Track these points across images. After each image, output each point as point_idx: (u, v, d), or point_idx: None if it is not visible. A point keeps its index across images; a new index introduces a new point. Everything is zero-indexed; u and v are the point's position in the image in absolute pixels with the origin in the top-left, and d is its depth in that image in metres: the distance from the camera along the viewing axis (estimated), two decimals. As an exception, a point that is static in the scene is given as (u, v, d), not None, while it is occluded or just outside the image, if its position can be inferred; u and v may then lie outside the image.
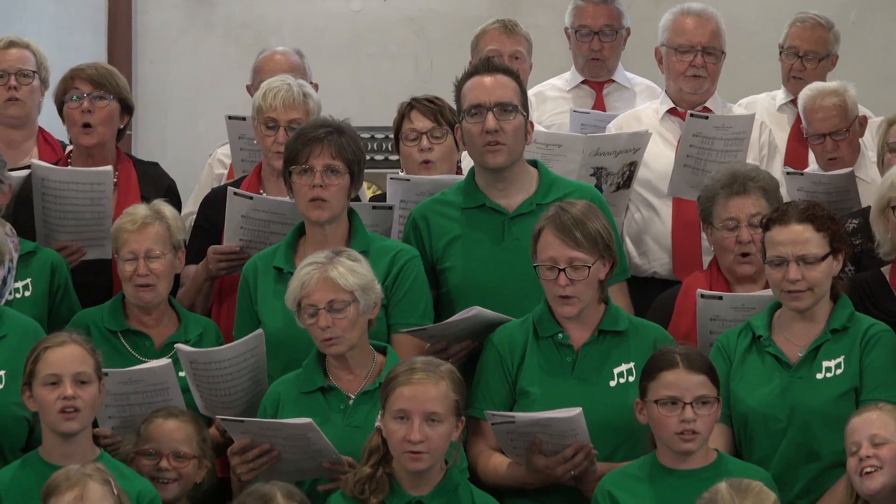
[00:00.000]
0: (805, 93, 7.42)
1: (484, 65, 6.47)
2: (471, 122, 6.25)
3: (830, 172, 7.08)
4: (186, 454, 5.58)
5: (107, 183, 6.73)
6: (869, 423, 5.30)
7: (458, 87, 6.42)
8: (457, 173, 6.84)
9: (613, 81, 8.13)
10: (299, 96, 6.81)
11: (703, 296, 6.16)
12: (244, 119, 7.14)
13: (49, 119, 7.65)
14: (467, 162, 6.78)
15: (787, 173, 7.12)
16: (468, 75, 6.42)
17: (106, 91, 7.01)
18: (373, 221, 6.50)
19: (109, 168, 6.81)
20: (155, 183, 7.15)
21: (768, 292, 6.04)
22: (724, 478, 5.17)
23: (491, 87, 6.29)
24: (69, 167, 7.05)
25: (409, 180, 6.68)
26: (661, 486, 5.35)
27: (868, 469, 5.26)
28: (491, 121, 6.20)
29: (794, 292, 5.74)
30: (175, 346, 5.98)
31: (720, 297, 6.16)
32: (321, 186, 6.10)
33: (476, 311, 5.96)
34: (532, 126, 6.43)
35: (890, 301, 6.14)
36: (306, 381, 5.82)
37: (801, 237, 5.75)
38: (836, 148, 7.24)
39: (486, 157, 6.26)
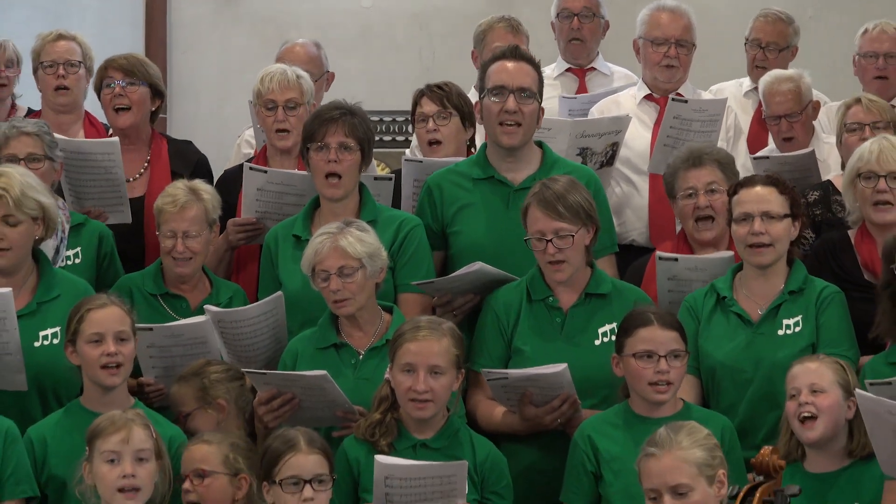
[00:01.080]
0: (764, 79, 7.39)
1: (511, 52, 6.46)
2: (492, 101, 6.24)
3: (794, 153, 7.05)
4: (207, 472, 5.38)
5: (116, 152, 6.69)
6: (808, 372, 5.26)
7: (484, 67, 6.42)
8: (467, 153, 6.80)
9: (594, 69, 8.08)
10: (293, 78, 6.82)
11: (660, 258, 6.19)
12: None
13: (95, 104, 7.63)
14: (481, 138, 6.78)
15: (754, 158, 7.12)
16: (494, 58, 6.42)
17: (136, 78, 7.00)
18: (376, 192, 6.46)
19: (117, 139, 6.78)
20: (185, 159, 7.14)
21: (720, 254, 6.06)
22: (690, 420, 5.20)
23: (515, 72, 6.28)
24: (79, 138, 7.07)
25: (421, 162, 6.67)
26: (634, 431, 5.32)
27: (805, 414, 5.22)
28: (511, 102, 6.20)
29: (757, 246, 5.74)
30: (204, 307, 5.98)
31: (676, 259, 6.18)
32: (335, 161, 6.11)
33: (479, 265, 5.97)
34: (542, 112, 6.42)
35: (851, 261, 6.12)
36: (321, 338, 5.82)
37: (765, 196, 5.77)
38: (791, 129, 7.20)
39: (502, 138, 6.25)
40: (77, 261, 6.34)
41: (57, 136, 6.73)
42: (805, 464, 5.31)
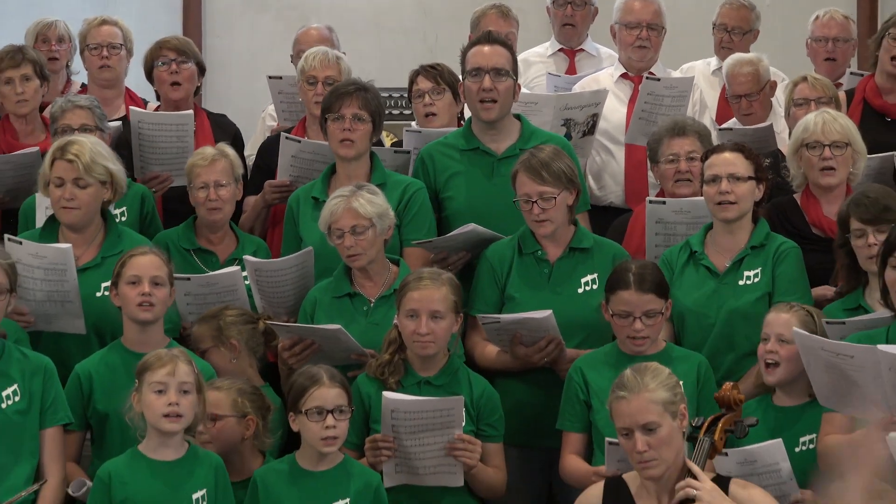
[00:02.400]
0: (727, 61, 7.36)
1: (485, 37, 6.50)
2: (471, 82, 6.26)
3: (754, 126, 7.04)
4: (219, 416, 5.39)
5: (189, 123, 6.73)
6: (780, 322, 5.23)
7: (464, 53, 6.41)
8: (458, 124, 6.78)
9: (584, 50, 8.05)
10: (333, 58, 6.86)
11: (650, 201, 6.17)
12: (281, 78, 7.18)
13: (136, 81, 7.62)
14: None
15: (719, 129, 7.13)
16: (472, 44, 6.44)
17: (187, 57, 7.03)
18: (393, 163, 6.50)
19: (191, 112, 6.80)
20: (224, 129, 7.14)
21: (700, 198, 5.99)
22: (671, 362, 5.21)
23: (489, 54, 6.28)
24: (160, 111, 7.06)
25: (420, 132, 6.65)
26: (620, 368, 5.19)
27: (769, 361, 5.21)
28: (487, 81, 6.20)
29: (724, 203, 5.72)
30: (244, 258, 5.97)
31: (664, 202, 6.17)
32: (349, 130, 6.12)
33: (472, 227, 5.99)
34: (519, 87, 6.43)
35: (800, 220, 6.12)
36: (336, 287, 5.82)
37: (732, 161, 5.75)
38: (750, 106, 7.18)
39: (481, 113, 6.26)
40: (123, 218, 6.31)
41: (141, 110, 6.87)
42: (773, 398, 5.30)
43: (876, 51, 7.22)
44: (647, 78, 7.14)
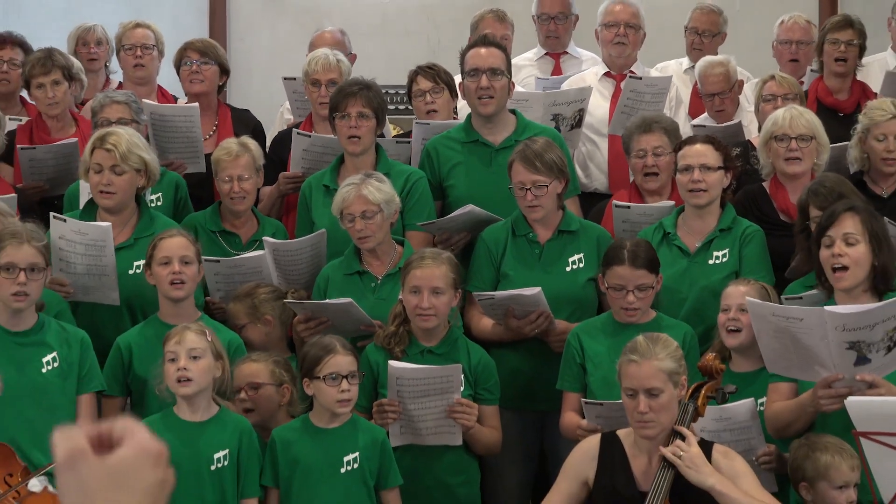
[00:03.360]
0: (700, 63, 7.36)
1: (482, 39, 6.52)
2: (470, 81, 6.26)
3: (724, 124, 7.04)
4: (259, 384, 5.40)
5: (194, 116, 6.67)
6: (739, 294, 5.22)
7: (463, 54, 6.41)
8: (454, 118, 6.79)
9: (567, 53, 8.03)
10: (334, 61, 6.79)
11: (616, 206, 6.15)
12: (295, 79, 7.12)
13: (168, 80, 7.61)
14: (462, 105, 6.79)
15: (693, 125, 7.14)
16: (470, 47, 6.44)
17: (209, 58, 7.00)
18: (396, 152, 6.50)
19: (196, 105, 6.76)
20: (245, 123, 7.10)
21: (662, 203, 6.04)
22: (660, 330, 5.20)
23: (486, 56, 6.28)
24: (166, 104, 7.05)
25: (428, 124, 6.63)
26: (613, 335, 5.33)
27: (731, 327, 5.22)
28: (484, 80, 6.20)
29: (696, 191, 5.72)
30: (264, 238, 5.97)
31: (629, 207, 6.14)
32: (355, 127, 6.11)
33: (470, 207, 5.98)
34: (513, 85, 6.44)
35: (768, 206, 6.09)
36: (346, 266, 5.81)
37: (703, 152, 5.75)
38: (722, 103, 7.18)
39: (480, 108, 6.25)
40: (159, 203, 6.32)
41: (149, 102, 6.80)
42: (731, 365, 5.28)
43: (820, 56, 7.30)
44: (629, 77, 7.14)
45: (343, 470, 5.12)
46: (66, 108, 6.82)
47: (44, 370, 5.23)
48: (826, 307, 4.79)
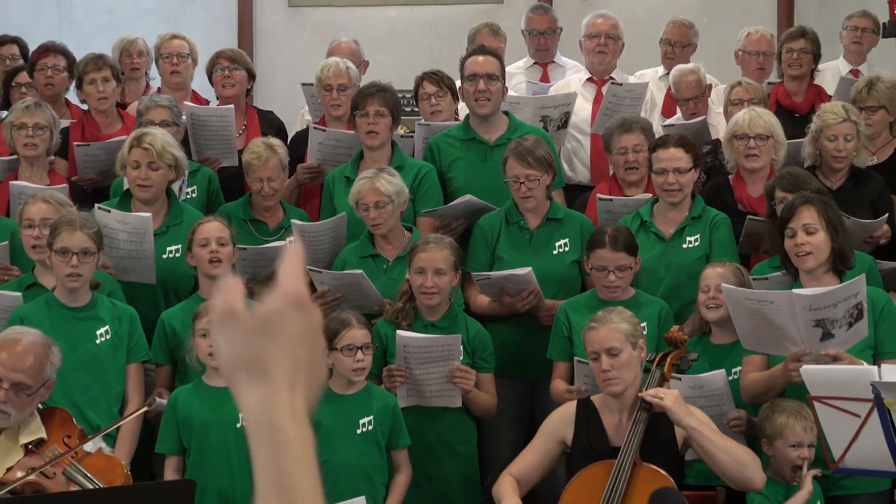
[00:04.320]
0: (674, 71, 7.33)
1: (479, 49, 6.56)
2: (468, 84, 6.28)
3: (690, 121, 7.05)
4: None
5: (230, 116, 6.68)
6: (717, 275, 5.25)
7: (462, 62, 6.44)
8: (455, 119, 6.80)
9: (554, 62, 8.03)
10: (344, 68, 6.78)
11: (600, 198, 6.16)
12: (312, 85, 7.11)
13: (200, 85, 7.62)
14: (461, 107, 6.80)
15: (664, 125, 7.13)
16: (469, 55, 6.47)
17: (238, 65, 6.99)
18: (401, 144, 6.50)
19: (231, 107, 6.76)
20: (270, 123, 7.11)
21: (640, 197, 6.05)
22: (639, 306, 5.26)
23: (483, 63, 6.29)
24: (207, 105, 7.07)
25: (429, 125, 6.64)
26: (597, 310, 5.27)
27: (711, 304, 5.24)
28: (481, 84, 6.21)
29: (671, 191, 5.74)
30: (291, 221, 6.00)
31: (611, 200, 6.16)
32: (373, 123, 6.14)
33: (468, 197, 6.00)
34: (506, 90, 6.47)
35: (730, 197, 6.10)
36: (361, 249, 5.83)
37: (675, 156, 5.74)
38: (695, 107, 7.15)
39: (477, 110, 6.27)
40: (194, 195, 6.34)
41: (189, 104, 6.84)
42: (710, 337, 5.32)
43: (779, 63, 7.32)
44: (611, 83, 7.13)
45: (359, 431, 5.15)
46: (113, 104, 6.86)
47: (97, 342, 5.27)
48: (794, 290, 4.82)
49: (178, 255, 5.83)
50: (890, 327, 4.99)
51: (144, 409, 5.02)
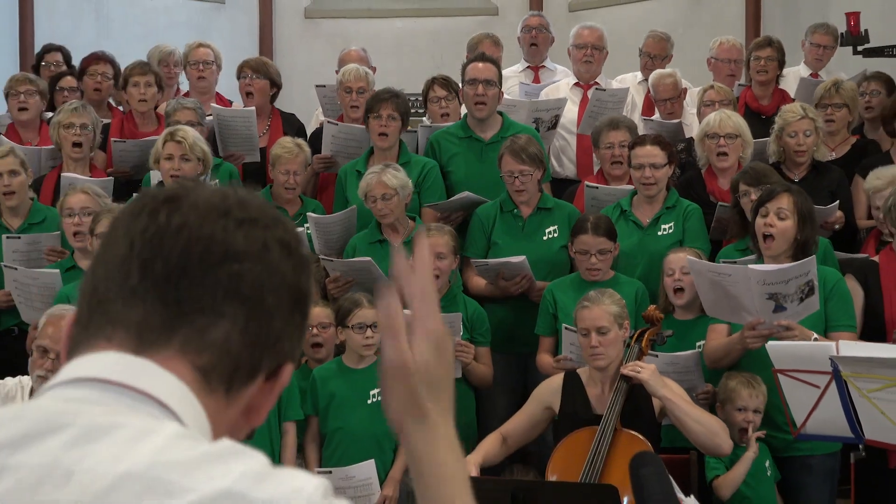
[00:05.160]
0: (653, 75, 7.33)
1: (479, 56, 6.58)
2: (469, 88, 6.29)
3: (667, 121, 7.07)
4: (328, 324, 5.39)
5: (251, 117, 6.68)
6: (680, 259, 5.24)
7: (463, 68, 6.44)
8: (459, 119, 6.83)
9: (544, 66, 8.04)
10: (363, 73, 6.84)
11: (588, 186, 6.17)
12: (325, 86, 7.17)
13: (225, 88, 7.62)
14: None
15: (644, 119, 7.15)
16: (469, 62, 6.48)
17: (261, 74, 7.00)
18: (404, 137, 6.48)
19: (253, 108, 6.76)
20: (292, 124, 7.12)
21: (623, 187, 6.05)
22: (618, 286, 5.24)
23: (482, 69, 6.30)
24: (229, 108, 7.05)
25: (430, 126, 6.66)
26: (579, 290, 5.32)
27: (676, 287, 5.24)
28: (480, 89, 6.23)
29: (648, 184, 5.73)
30: (307, 214, 5.98)
31: (597, 188, 6.16)
32: (385, 126, 6.15)
33: (466, 194, 6.02)
34: (502, 94, 6.47)
35: (702, 190, 6.09)
36: (370, 236, 5.83)
37: (651, 153, 5.72)
38: (672, 107, 7.15)
39: (475, 112, 6.28)
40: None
41: (216, 105, 6.86)
42: (674, 315, 5.32)
43: (748, 70, 7.33)
44: (595, 88, 7.14)
45: (369, 401, 5.15)
46: (152, 107, 6.87)
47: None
48: (750, 266, 4.83)
49: None
50: (839, 303, 4.99)
51: None
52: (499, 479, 4.71)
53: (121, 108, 7.23)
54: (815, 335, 4.72)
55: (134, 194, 5.68)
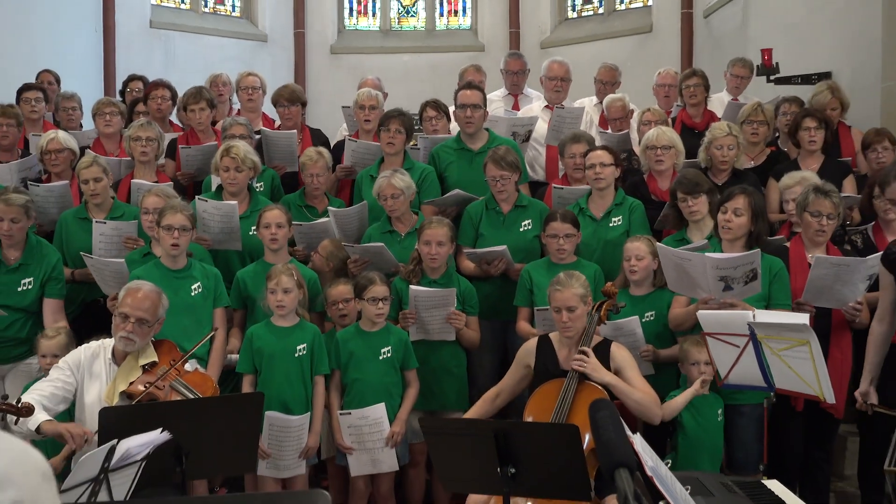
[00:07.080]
0: (606, 99, 7.31)
1: (467, 84, 6.52)
2: (459, 111, 6.26)
3: (617, 133, 7.02)
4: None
5: (293, 137, 6.63)
6: (635, 248, 5.20)
7: (455, 94, 6.43)
8: (448, 133, 6.75)
9: (523, 93, 8.00)
10: (374, 94, 6.77)
11: (555, 187, 6.10)
12: (349, 107, 7.09)
13: (270, 109, 7.56)
14: (453, 126, 6.72)
15: (599, 132, 7.11)
16: (459, 89, 6.44)
17: (294, 102, 6.94)
18: (410, 153, 6.43)
19: (294, 132, 6.70)
20: (319, 138, 7.05)
21: (582, 188, 5.98)
22: (579, 268, 5.19)
23: (470, 95, 6.28)
24: (279, 130, 6.97)
25: (427, 138, 6.60)
26: (549, 270, 5.30)
27: (633, 269, 5.18)
28: (468, 112, 6.20)
29: (598, 179, 5.69)
30: (328, 208, 5.93)
31: (563, 188, 6.09)
32: (392, 138, 6.12)
33: (457, 191, 5.97)
34: (486, 113, 6.42)
35: (645, 190, 6.03)
36: (382, 227, 5.78)
37: (600, 156, 5.71)
38: (621, 124, 7.13)
39: (465, 129, 6.25)
40: (262, 188, 6.29)
41: (265, 129, 6.79)
42: (630, 290, 5.28)
43: (681, 96, 7.33)
44: (557, 109, 7.10)
45: (380, 357, 5.12)
46: (209, 125, 6.84)
47: (192, 294, 5.22)
48: (706, 254, 4.78)
49: (254, 234, 5.75)
50: (780, 286, 4.93)
51: (211, 333, 5.05)
52: (483, 420, 4.68)
53: (181, 126, 7.17)
54: (754, 310, 4.68)
55: (197, 196, 5.71)
